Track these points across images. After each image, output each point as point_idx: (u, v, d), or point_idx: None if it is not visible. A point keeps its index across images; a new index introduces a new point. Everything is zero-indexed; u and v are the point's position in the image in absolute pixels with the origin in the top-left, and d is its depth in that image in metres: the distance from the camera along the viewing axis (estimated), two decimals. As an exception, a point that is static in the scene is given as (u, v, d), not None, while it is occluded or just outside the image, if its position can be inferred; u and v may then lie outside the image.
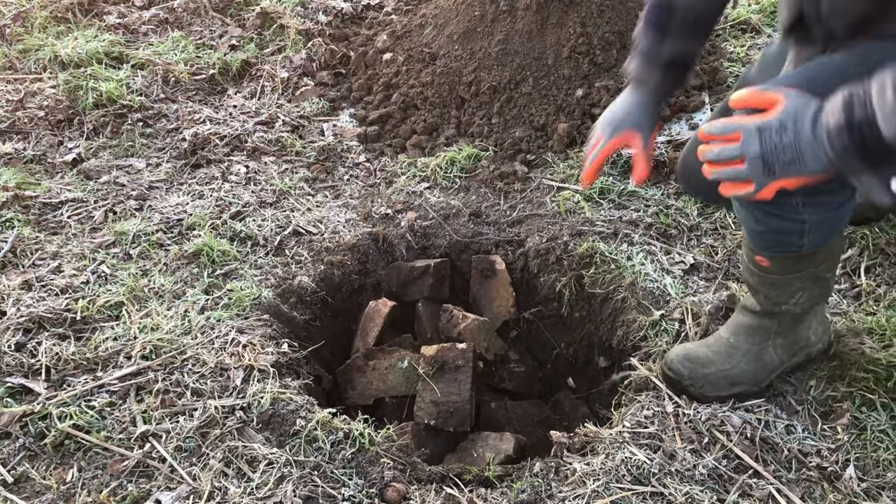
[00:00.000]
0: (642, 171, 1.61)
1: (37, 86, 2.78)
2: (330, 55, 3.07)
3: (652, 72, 1.58)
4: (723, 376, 1.60)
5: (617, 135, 1.60)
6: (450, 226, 2.25)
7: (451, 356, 1.84)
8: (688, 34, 1.58)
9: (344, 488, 1.45)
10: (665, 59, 1.57)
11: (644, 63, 1.58)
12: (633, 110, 1.61)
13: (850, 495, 1.42)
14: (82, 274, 1.93)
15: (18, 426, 1.52)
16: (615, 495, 1.42)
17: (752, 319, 1.59)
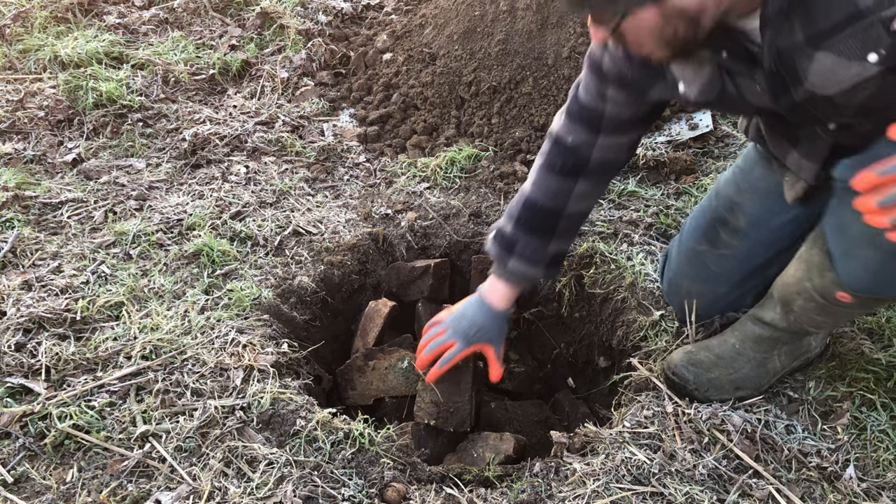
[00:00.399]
0: (496, 373, 1.79)
1: (37, 86, 2.78)
2: (330, 55, 3.07)
3: (537, 270, 1.67)
4: (727, 381, 1.59)
5: (471, 346, 1.75)
6: (450, 226, 2.25)
7: None
8: (571, 233, 1.69)
9: (344, 488, 1.45)
10: (549, 259, 1.67)
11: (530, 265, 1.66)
12: (488, 325, 1.74)
13: (850, 495, 1.42)
14: (82, 274, 1.93)
15: (18, 426, 1.52)
16: (615, 495, 1.42)
17: (765, 331, 1.58)
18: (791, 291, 1.47)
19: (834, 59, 1.11)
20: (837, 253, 1.29)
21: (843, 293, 1.35)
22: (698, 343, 1.67)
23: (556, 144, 1.60)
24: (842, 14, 1.06)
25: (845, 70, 1.11)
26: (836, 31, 1.08)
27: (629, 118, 1.53)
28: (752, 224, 1.65)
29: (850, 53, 1.08)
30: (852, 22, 1.06)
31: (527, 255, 1.65)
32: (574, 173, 1.59)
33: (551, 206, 1.62)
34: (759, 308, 1.61)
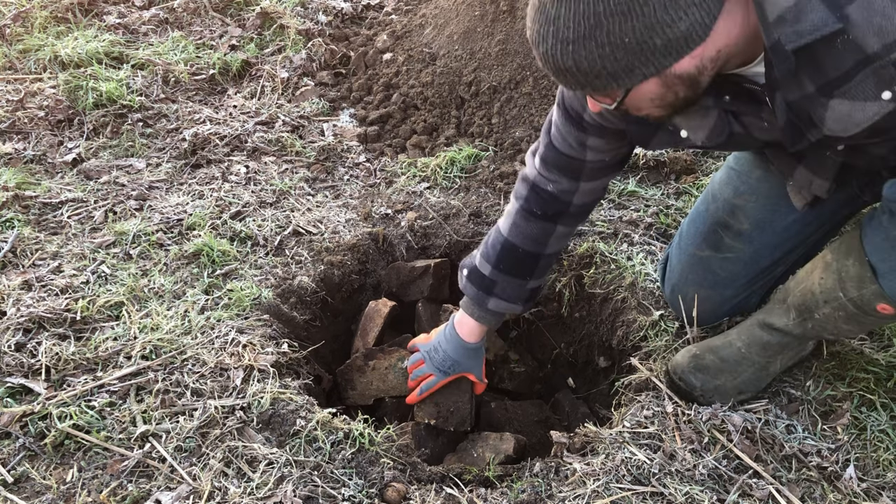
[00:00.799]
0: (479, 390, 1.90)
1: (37, 86, 2.78)
2: (330, 55, 3.07)
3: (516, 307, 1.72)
4: (731, 386, 1.59)
5: (449, 377, 1.81)
6: (450, 226, 2.25)
7: None
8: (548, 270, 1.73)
9: (344, 488, 1.45)
10: (527, 295, 1.73)
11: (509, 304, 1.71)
12: (462, 359, 1.79)
13: (850, 495, 1.42)
14: (82, 274, 1.93)
15: (18, 426, 1.52)
16: (615, 495, 1.41)
17: (774, 337, 1.56)
18: (816, 300, 1.44)
19: (849, 105, 1.11)
20: (886, 269, 1.28)
21: (885, 305, 1.33)
22: (701, 344, 1.65)
23: (534, 191, 1.62)
24: (851, 62, 1.06)
25: (861, 112, 1.11)
26: (847, 78, 1.08)
27: (610, 162, 1.56)
28: (757, 227, 1.63)
29: (866, 95, 1.09)
30: (862, 67, 1.06)
31: (506, 295, 1.70)
32: (554, 219, 1.63)
33: (531, 250, 1.65)
34: (766, 313, 1.58)
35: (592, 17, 1.04)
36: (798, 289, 1.50)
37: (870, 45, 1.03)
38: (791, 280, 1.56)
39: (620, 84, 1.12)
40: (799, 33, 1.04)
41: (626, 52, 1.06)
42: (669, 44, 1.05)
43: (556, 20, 1.07)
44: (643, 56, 1.07)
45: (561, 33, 1.07)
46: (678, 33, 1.04)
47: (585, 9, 1.03)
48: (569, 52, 1.08)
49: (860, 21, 1.02)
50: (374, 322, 2.07)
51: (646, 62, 1.07)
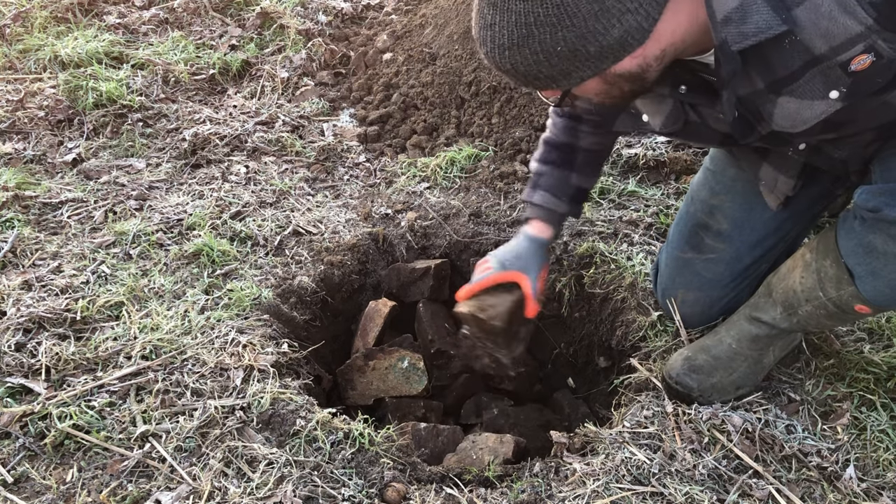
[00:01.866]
0: (532, 309, 1.68)
1: (37, 86, 2.78)
2: (330, 55, 3.07)
3: (560, 203, 1.70)
4: (728, 382, 1.59)
5: (506, 272, 1.66)
6: (450, 226, 2.25)
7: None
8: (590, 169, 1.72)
9: (344, 488, 1.45)
10: (572, 192, 1.71)
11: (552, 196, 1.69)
12: (525, 254, 1.69)
13: (850, 495, 1.42)
14: (82, 274, 1.93)
15: (18, 426, 1.52)
16: (615, 495, 1.41)
17: (763, 330, 1.57)
18: (798, 298, 1.46)
19: (797, 102, 1.13)
20: (862, 272, 1.29)
21: (863, 306, 1.35)
22: (693, 345, 1.66)
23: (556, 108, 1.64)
24: (799, 62, 1.08)
25: (809, 110, 1.13)
26: (795, 77, 1.10)
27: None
28: (735, 226, 1.65)
29: (813, 94, 1.11)
30: (810, 67, 1.08)
31: (550, 186, 1.69)
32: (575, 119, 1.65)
33: (565, 140, 1.67)
34: (753, 308, 1.59)
35: (524, 27, 1.04)
36: (780, 285, 1.52)
37: (817, 46, 1.05)
38: (774, 275, 1.57)
39: (559, 85, 1.13)
40: (744, 34, 1.05)
41: (560, 59, 1.07)
42: (604, 50, 1.06)
43: (493, 26, 1.08)
44: (577, 62, 1.07)
45: (497, 39, 1.08)
46: (612, 40, 1.05)
47: (517, 18, 1.04)
48: (506, 57, 1.09)
49: (807, 24, 1.03)
50: (374, 322, 2.07)
51: (581, 67, 1.08)
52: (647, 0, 1.03)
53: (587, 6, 1.01)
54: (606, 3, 1.01)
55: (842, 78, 1.07)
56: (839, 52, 1.04)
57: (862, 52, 1.02)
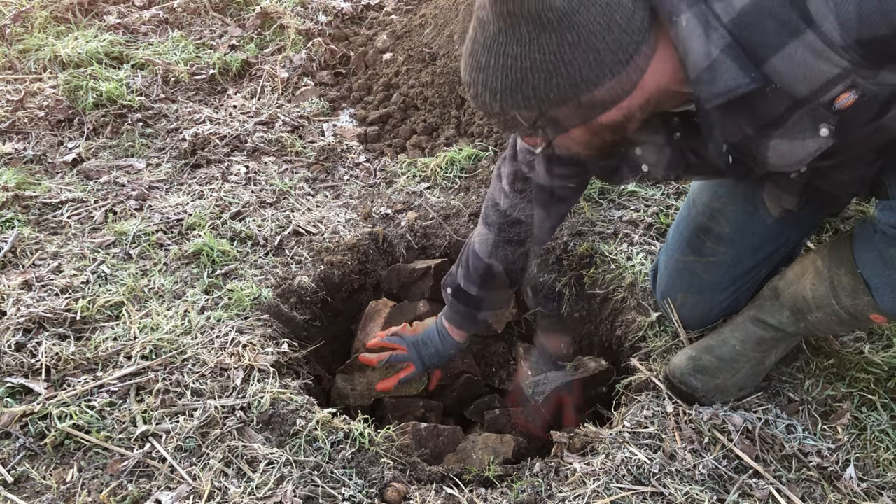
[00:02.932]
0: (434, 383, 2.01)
1: (37, 86, 2.78)
2: (330, 55, 3.07)
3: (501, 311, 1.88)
4: (731, 383, 1.59)
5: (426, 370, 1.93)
6: (450, 226, 2.25)
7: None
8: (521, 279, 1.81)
9: (344, 488, 1.45)
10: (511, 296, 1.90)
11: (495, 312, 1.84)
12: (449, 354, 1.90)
13: (850, 495, 1.42)
14: (82, 274, 1.93)
15: (18, 426, 1.52)
16: (615, 495, 1.41)
17: (768, 332, 1.57)
18: (808, 305, 1.46)
19: (789, 143, 1.14)
20: (880, 283, 1.29)
21: (879, 316, 1.35)
22: (697, 345, 1.66)
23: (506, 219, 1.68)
24: (783, 107, 1.09)
25: (802, 149, 1.15)
26: (782, 120, 1.11)
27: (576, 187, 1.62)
28: (737, 230, 1.64)
29: (804, 134, 1.12)
30: (796, 110, 1.09)
31: (494, 305, 1.82)
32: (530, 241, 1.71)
33: (513, 268, 1.75)
34: (759, 310, 1.59)
35: (519, 72, 1.04)
36: (789, 290, 1.51)
37: (798, 91, 1.06)
38: (780, 279, 1.56)
39: (546, 132, 1.14)
40: (714, 94, 1.06)
41: (550, 106, 1.08)
42: (594, 99, 1.06)
43: (486, 69, 1.07)
44: (568, 110, 1.08)
45: (489, 82, 1.08)
46: (603, 91, 1.05)
47: (513, 63, 1.04)
48: (497, 101, 1.09)
49: (785, 72, 1.04)
50: (374, 322, 2.07)
51: (571, 115, 1.09)
52: (637, 53, 1.04)
53: (583, 56, 1.02)
54: (601, 54, 1.02)
55: (828, 116, 1.08)
56: (821, 94, 1.05)
57: (844, 90, 1.04)
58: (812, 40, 1.00)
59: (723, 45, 1.03)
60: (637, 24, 1.03)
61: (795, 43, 1.01)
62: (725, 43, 1.03)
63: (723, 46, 1.03)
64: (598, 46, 1.01)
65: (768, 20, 1.01)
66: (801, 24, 0.99)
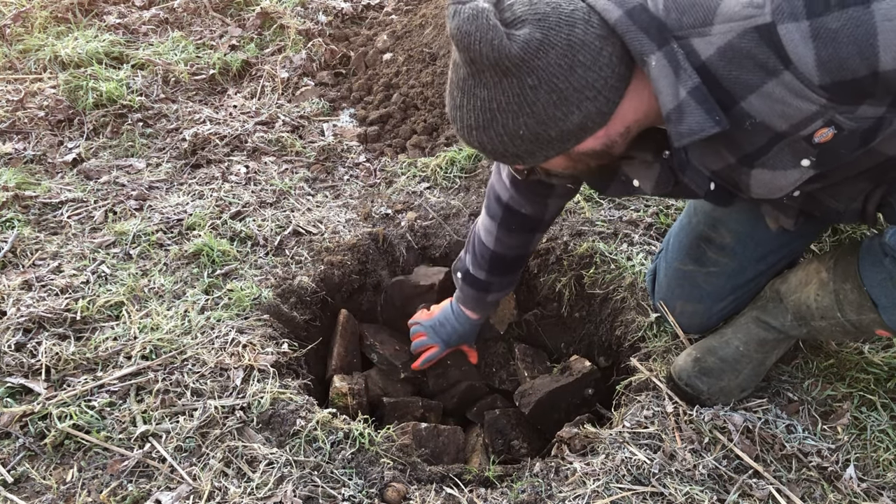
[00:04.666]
0: (474, 358, 2.13)
1: (37, 86, 2.78)
2: (330, 55, 3.07)
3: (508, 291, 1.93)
4: (735, 385, 1.59)
5: (450, 348, 2.04)
6: (450, 226, 2.25)
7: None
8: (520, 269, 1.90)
9: (344, 488, 1.45)
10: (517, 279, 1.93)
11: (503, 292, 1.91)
12: (466, 332, 2.01)
13: (850, 495, 1.42)
14: (82, 274, 1.93)
15: (18, 426, 1.52)
16: (615, 495, 1.42)
17: (770, 334, 1.57)
18: (812, 313, 1.46)
19: (770, 173, 1.17)
20: (888, 304, 1.31)
21: (884, 331, 1.37)
22: (699, 345, 1.65)
23: (508, 211, 1.71)
24: (764, 139, 1.12)
25: (784, 179, 1.17)
26: (763, 152, 1.14)
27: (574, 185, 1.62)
28: (738, 241, 1.63)
29: (785, 165, 1.14)
30: (776, 142, 1.12)
31: (503, 287, 1.90)
32: (532, 230, 1.75)
33: (517, 255, 1.81)
34: (762, 311, 1.59)
35: (488, 112, 1.09)
36: (792, 297, 1.51)
37: (778, 125, 1.09)
38: (783, 282, 1.56)
39: (525, 163, 1.17)
40: (681, 134, 1.08)
41: (523, 142, 1.11)
42: (564, 134, 1.10)
43: (461, 108, 1.13)
44: (540, 144, 1.12)
45: (465, 120, 1.13)
46: (572, 125, 1.09)
47: (482, 104, 1.09)
48: (474, 136, 1.14)
49: (763, 109, 1.07)
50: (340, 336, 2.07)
51: (544, 148, 1.13)
52: (606, 87, 1.07)
53: (545, 96, 1.05)
54: (565, 94, 1.05)
55: (809, 149, 1.10)
56: (800, 129, 1.08)
57: (822, 126, 1.06)
58: (790, 80, 1.02)
59: (690, 87, 1.05)
60: (605, 60, 1.05)
61: (773, 82, 1.04)
62: (693, 85, 1.05)
63: (690, 88, 1.05)
64: (560, 87, 1.04)
65: (746, 60, 1.04)
66: (778, 64, 1.02)
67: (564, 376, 1.90)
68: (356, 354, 2.06)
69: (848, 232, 1.92)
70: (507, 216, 1.70)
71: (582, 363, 1.92)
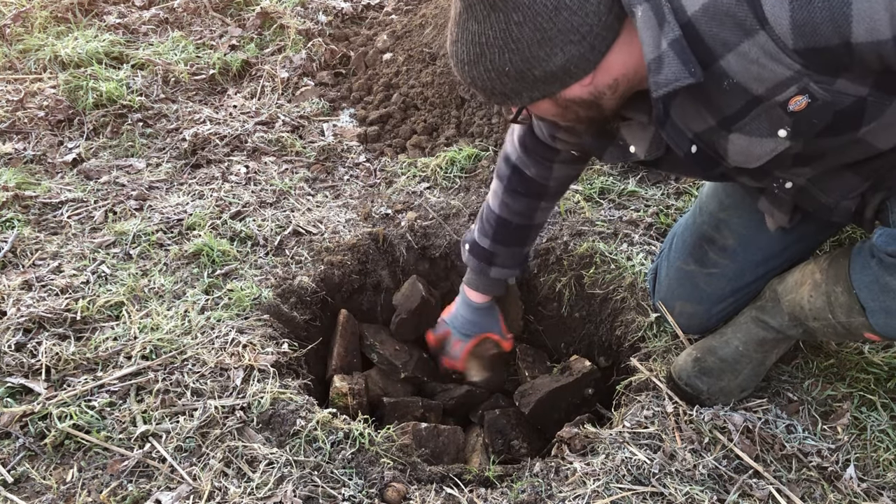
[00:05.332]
0: (507, 346, 2.07)
1: (37, 86, 2.78)
2: (330, 55, 3.07)
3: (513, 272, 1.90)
4: (735, 385, 1.59)
5: (473, 338, 2.01)
6: (450, 226, 2.25)
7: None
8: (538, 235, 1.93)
9: (344, 488, 1.45)
10: (523, 259, 1.92)
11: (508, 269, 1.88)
12: (480, 319, 2.00)
13: (850, 495, 1.42)
14: (82, 274, 1.93)
15: (18, 426, 1.52)
16: (615, 495, 1.42)
17: (770, 333, 1.57)
18: (806, 315, 1.46)
19: (747, 140, 1.18)
20: (875, 308, 1.31)
21: (872, 335, 1.37)
22: (700, 346, 1.65)
23: (516, 173, 1.73)
24: (741, 102, 1.13)
25: (760, 147, 1.18)
26: (740, 115, 1.15)
27: (578, 154, 1.64)
28: (741, 243, 1.64)
29: (761, 132, 1.16)
30: (752, 107, 1.13)
31: (505, 263, 1.88)
32: (537, 195, 1.75)
33: (521, 223, 1.80)
34: (761, 310, 1.59)
35: (478, 46, 1.13)
36: (787, 297, 1.51)
37: (754, 88, 1.10)
38: (780, 282, 1.56)
39: (513, 102, 1.20)
40: (658, 84, 1.10)
41: (509, 79, 1.15)
42: (548, 75, 1.13)
43: (456, 42, 1.18)
44: (525, 83, 1.15)
45: (459, 54, 1.18)
46: (555, 67, 1.11)
47: (473, 37, 1.14)
48: (465, 71, 1.19)
49: (739, 69, 1.08)
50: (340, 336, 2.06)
51: (530, 88, 1.15)
52: (591, 34, 1.09)
53: (530, 34, 1.08)
54: (549, 34, 1.08)
55: (784, 117, 1.11)
56: (775, 94, 1.09)
57: (797, 93, 1.07)
58: (765, 41, 1.03)
59: (671, 39, 1.07)
60: (592, 7, 1.08)
61: (749, 42, 1.05)
62: (674, 37, 1.07)
63: (671, 40, 1.07)
64: (544, 26, 1.07)
65: (726, 17, 1.05)
66: (755, 24, 1.03)
67: (564, 376, 1.90)
68: (356, 354, 2.06)
69: (848, 232, 1.92)
70: (514, 177, 1.72)
71: (582, 363, 1.92)
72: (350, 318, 2.08)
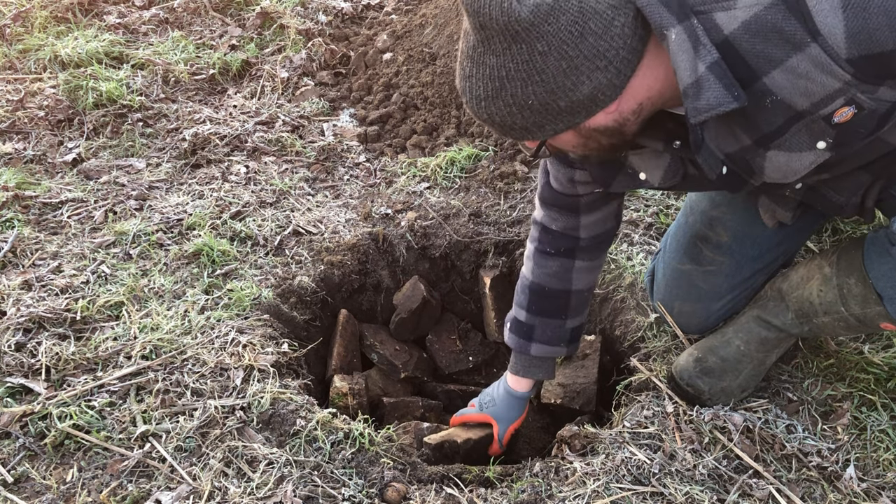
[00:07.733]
0: (494, 449, 1.80)
1: (37, 86, 2.78)
2: (330, 55, 3.07)
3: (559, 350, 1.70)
4: (735, 385, 1.59)
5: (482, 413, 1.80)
6: (450, 226, 2.25)
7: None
8: (584, 307, 1.71)
9: (344, 488, 1.45)
10: (569, 336, 1.71)
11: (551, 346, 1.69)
12: (500, 403, 1.78)
13: (850, 495, 1.42)
14: (82, 274, 1.93)
15: (18, 426, 1.52)
16: (615, 495, 1.42)
17: (771, 333, 1.57)
18: (815, 310, 1.46)
19: (786, 155, 1.15)
20: (894, 294, 1.29)
21: (889, 325, 1.36)
22: (701, 345, 1.65)
23: (543, 231, 1.64)
24: (782, 118, 1.10)
25: (799, 161, 1.15)
26: (780, 132, 1.12)
27: (603, 193, 1.55)
28: (735, 239, 1.63)
29: (801, 146, 1.13)
30: (793, 122, 1.10)
31: (546, 338, 1.69)
32: (569, 254, 1.63)
33: (557, 287, 1.65)
34: (762, 310, 1.59)
35: (497, 80, 1.07)
36: (794, 294, 1.51)
37: (798, 103, 1.07)
38: (784, 281, 1.56)
39: (534, 137, 1.14)
40: (698, 110, 1.06)
41: (532, 112, 1.08)
42: (574, 105, 1.07)
43: (470, 78, 1.10)
44: (549, 116, 1.08)
45: (474, 90, 1.11)
46: (582, 96, 1.06)
47: (491, 72, 1.06)
48: (482, 108, 1.11)
49: (786, 85, 1.05)
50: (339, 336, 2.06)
51: (554, 120, 1.10)
52: (617, 58, 1.04)
53: (555, 63, 1.02)
54: (575, 62, 1.02)
55: (826, 130, 1.09)
56: (820, 107, 1.06)
57: (843, 104, 1.05)
58: (816, 54, 1.00)
59: (709, 62, 1.03)
60: (617, 30, 1.03)
61: (798, 56, 1.02)
62: (712, 60, 1.03)
63: (709, 63, 1.03)
64: (570, 54, 1.02)
65: (772, 33, 1.02)
66: (806, 37, 1.00)
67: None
68: (356, 354, 2.06)
69: (848, 232, 1.92)
70: (541, 236, 1.64)
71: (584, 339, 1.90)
72: (350, 318, 2.08)
